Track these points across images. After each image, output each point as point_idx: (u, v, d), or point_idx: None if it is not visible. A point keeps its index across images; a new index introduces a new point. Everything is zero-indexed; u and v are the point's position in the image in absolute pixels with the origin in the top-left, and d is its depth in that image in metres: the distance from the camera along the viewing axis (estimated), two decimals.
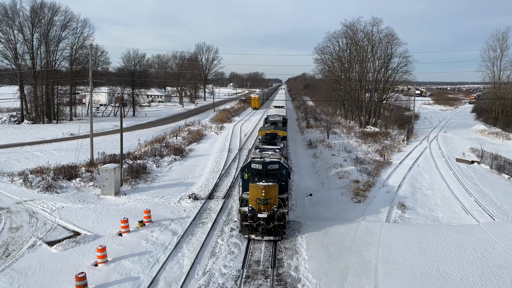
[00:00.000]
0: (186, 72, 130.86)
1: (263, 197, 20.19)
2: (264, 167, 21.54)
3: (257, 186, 20.36)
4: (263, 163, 21.69)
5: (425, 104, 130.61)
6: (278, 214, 20.20)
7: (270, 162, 21.83)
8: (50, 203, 25.58)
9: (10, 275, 16.73)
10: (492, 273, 17.69)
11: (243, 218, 20.67)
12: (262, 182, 20.53)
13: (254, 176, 21.64)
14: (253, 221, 20.30)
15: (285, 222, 20.62)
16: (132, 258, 18.52)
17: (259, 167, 21.58)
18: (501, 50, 76.98)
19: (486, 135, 63.65)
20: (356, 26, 72.40)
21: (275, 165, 21.76)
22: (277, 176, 21.71)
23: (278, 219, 20.21)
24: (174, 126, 65.70)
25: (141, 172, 32.89)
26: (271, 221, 20.23)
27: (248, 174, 22.19)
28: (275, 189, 20.52)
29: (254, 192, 20.44)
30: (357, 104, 73.59)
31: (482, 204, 28.12)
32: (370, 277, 17.17)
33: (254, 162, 21.99)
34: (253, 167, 21.84)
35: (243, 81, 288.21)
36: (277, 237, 20.55)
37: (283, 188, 22.22)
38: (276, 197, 20.46)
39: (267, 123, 45.04)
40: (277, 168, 21.81)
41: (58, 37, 71.05)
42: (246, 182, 22.03)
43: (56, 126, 63.47)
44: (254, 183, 20.55)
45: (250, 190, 20.73)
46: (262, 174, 21.47)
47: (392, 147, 50.10)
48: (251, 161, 22.35)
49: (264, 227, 20.28)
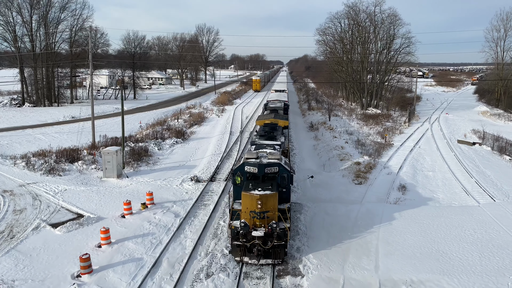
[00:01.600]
0: (187, 54, 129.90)
1: (259, 210, 16.37)
2: (260, 170, 17.76)
3: (252, 196, 16.45)
4: (260, 165, 17.85)
5: (427, 86, 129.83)
6: (278, 231, 16.27)
7: (268, 164, 18.07)
8: (53, 185, 25.76)
9: (15, 257, 16.98)
10: (492, 253, 17.87)
11: (234, 236, 16.69)
12: (257, 190, 16.67)
13: (248, 181, 17.87)
14: (247, 240, 16.42)
15: (287, 241, 16.73)
16: (135, 240, 18.74)
17: (255, 171, 17.81)
18: (505, 30, 76.21)
19: (488, 117, 63.43)
20: (358, 7, 71.62)
21: (274, 168, 18.03)
22: (277, 182, 17.98)
23: (278, 237, 16.31)
24: (175, 109, 65.59)
25: (143, 155, 33.00)
26: (269, 240, 16.37)
27: (241, 178, 18.37)
28: (274, 199, 16.71)
29: (248, 203, 16.58)
30: (359, 86, 73.18)
31: (483, 185, 28.23)
32: (371, 257, 17.37)
33: (248, 163, 18.17)
34: (247, 170, 18.05)
35: (244, 63, 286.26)
36: (276, 260, 16.77)
37: (284, 196, 18.36)
38: (275, 208, 16.74)
39: (267, 109, 40.87)
40: (276, 172, 18.09)
41: (57, 19, 70.34)
42: (238, 188, 18.32)
43: (57, 109, 63.44)
44: (248, 192, 16.70)
45: (243, 200, 16.85)
46: (258, 178, 17.79)
47: (393, 129, 50.04)
48: (245, 162, 18.42)
49: (260, 248, 16.36)
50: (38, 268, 16.16)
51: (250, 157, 18.92)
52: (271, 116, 32.06)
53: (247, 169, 18.06)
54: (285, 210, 17.25)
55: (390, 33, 70.64)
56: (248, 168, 18.04)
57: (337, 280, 15.65)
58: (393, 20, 69.44)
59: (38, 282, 15.19)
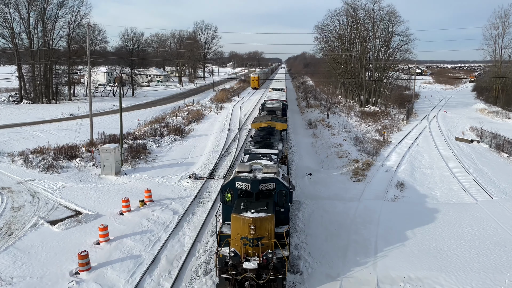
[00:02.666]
0: (185, 52, 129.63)
1: (252, 236, 13.88)
2: (254, 187, 15.28)
3: (243, 219, 13.98)
4: (253, 181, 15.34)
5: (426, 83, 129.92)
6: (274, 262, 13.74)
7: (263, 180, 15.51)
8: (51, 183, 25.72)
9: (13, 254, 16.97)
10: (489, 251, 17.95)
11: (222, 267, 14.12)
12: (250, 212, 14.16)
13: (239, 200, 15.46)
14: (237, 273, 13.86)
15: (285, 272, 14.14)
16: (133, 237, 18.75)
17: (247, 187, 15.34)
18: (503, 28, 76.23)
19: (486, 114, 63.55)
20: (357, 4, 71.44)
21: (270, 184, 15.57)
22: (273, 200, 15.63)
23: (275, 269, 13.75)
24: (173, 106, 65.49)
25: (141, 152, 32.96)
26: (264, 273, 13.83)
27: (232, 195, 16.03)
28: (269, 223, 14.22)
29: (239, 228, 14.10)
30: (357, 84, 73.18)
31: (481, 183, 28.30)
32: (369, 254, 17.43)
33: (240, 179, 15.69)
34: (239, 186, 15.63)
35: (243, 61, 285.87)
36: None
37: (282, 217, 15.85)
38: (271, 234, 14.27)
39: (264, 110, 38.26)
40: (273, 188, 15.67)
41: (55, 15, 69.99)
42: (228, 208, 15.83)
43: (55, 106, 63.28)
44: (239, 214, 14.19)
45: (233, 224, 14.33)
46: (251, 196, 15.40)
47: (391, 127, 50.09)
48: (236, 177, 15.93)
49: (253, 282, 13.82)
50: (36, 265, 16.15)
51: (242, 171, 16.34)
52: (268, 119, 29.69)
53: (239, 185, 15.64)
54: (283, 235, 14.74)
55: (388, 30, 70.63)
56: (239, 184, 15.61)
57: (335, 277, 15.71)
58: (391, 18, 69.45)
59: (36, 279, 15.19)
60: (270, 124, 27.55)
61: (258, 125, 27.96)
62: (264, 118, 30.38)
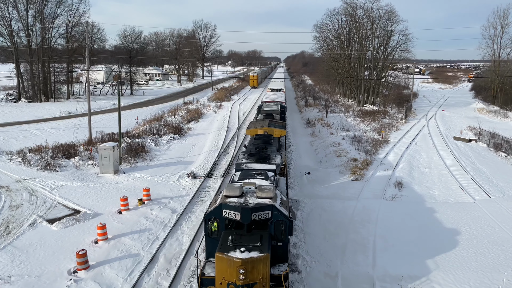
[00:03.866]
0: (184, 50, 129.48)
1: (242, 282, 11.30)
2: (245, 216, 12.62)
3: (230, 261, 11.42)
4: (244, 209, 12.63)
5: (424, 82, 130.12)
6: None
7: (257, 208, 12.75)
8: (50, 181, 25.69)
9: (11, 252, 16.95)
10: (487, 250, 18.00)
11: None
12: (240, 250, 11.54)
13: (227, 233, 12.74)
14: None
15: None
16: (132, 236, 18.74)
17: (237, 217, 12.66)
18: (501, 27, 76.32)
19: (484, 114, 63.67)
20: (356, 3, 71.47)
21: (265, 213, 12.80)
22: (269, 232, 12.88)
23: None
24: (172, 105, 65.44)
25: (139, 151, 32.93)
26: None
27: (218, 224, 13.23)
28: (264, 265, 11.56)
29: (225, 271, 11.52)
30: (356, 83, 73.21)
31: (479, 182, 28.37)
32: (367, 253, 17.46)
33: (227, 206, 12.90)
34: (226, 215, 12.88)
35: (242, 59, 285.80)
36: None
37: (280, 253, 13.16)
38: (266, 278, 11.61)
39: (260, 113, 35.50)
40: (269, 218, 12.87)
41: (53, 13, 69.84)
42: (213, 241, 13.11)
43: (53, 105, 63.15)
44: (226, 253, 11.58)
45: (218, 265, 11.70)
46: (242, 227, 12.80)
47: (390, 126, 50.14)
48: (223, 203, 13.03)
49: None
50: (34, 264, 16.14)
51: (231, 195, 13.43)
52: (264, 124, 27.10)
53: (226, 213, 12.84)
54: (280, 277, 12.00)
55: (387, 29, 70.71)
56: (227, 213, 12.82)
57: (334, 276, 15.73)
58: (390, 17, 69.52)
59: (34, 278, 15.18)
60: (267, 131, 25.25)
61: (254, 131, 25.78)
62: (260, 124, 27.86)
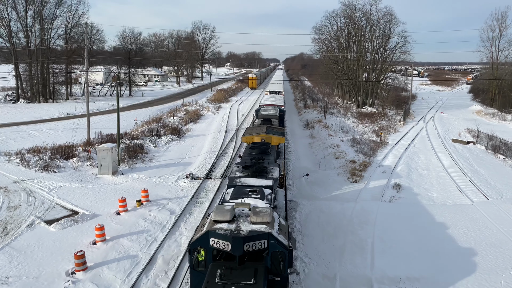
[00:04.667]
0: (183, 52, 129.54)
1: None
2: (237, 247, 10.50)
3: None
4: (235, 238, 10.52)
5: (422, 85, 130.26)
6: None
7: (251, 236, 10.64)
8: (48, 182, 25.65)
9: (9, 253, 16.90)
10: (485, 252, 18.01)
11: None
12: None
13: (215, 266, 10.69)
14: None
15: None
16: (130, 237, 18.71)
17: (226, 247, 10.57)
18: (500, 30, 76.64)
19: (482, 116, 63.79)
20: (354, 5, 71.62)
21: (260, 242, 10.69)
22: (265, 265, 10.83)
23: None
24: (171, 106, 65.43)
25: (138, 152, 32.92)
26: None
27: (205, 254, 11.02)
28: None
29: None
30: (355, 85, 73.30)
31: (477, 184, 28.40)
32: (365, 255, 17.46)
33: (215, 233, 10.77)
34: (214, 245, 10.75)
35: (241, 61, 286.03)
36: None
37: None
38: None
39: (258, 117, 33.15)
40: (264, 248, 10.77)
41: (53, 14, 69.87)
42: (199, 276, 10.97)
43: (52, 106, 63.11)
44: None
45: None
46: (232, 259, 10.76)
47: (388, 128, 50.19)
48: (211, 230, 10.88)
49: None
50: (32, 265, 16.10)
51: (220, 219, 11.26)
52: (262, 130, 25.25)
53: (214, 243, 10.66)
54: None
55: (386, 32, 70.89)
56: (215, 242, 10.65)
57: (332, 278, 15.73)
58: (389, 19, 69.71)
59: (32, 279, 15.14)
60: (264, 138, 23.50)
61: (250, 139, 23.99)
62: (258, 130, 26.03)
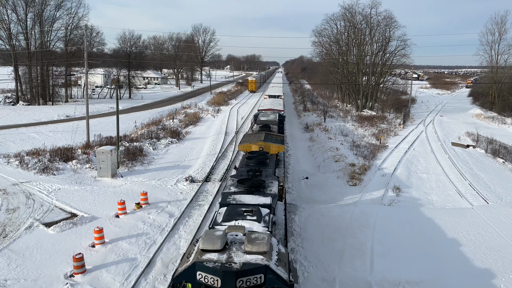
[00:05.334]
0: (183, 54, 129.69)
1: None
2: (227, 283, 8.87)
3: None
4: (226, 273, 8.91)
5: (422, 88, 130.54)
6: None
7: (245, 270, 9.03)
8: (47, 184, 25.60)
9: (7, 256, 16.85)
10: (485, 256, 17.98)
11: None
12: None
13: None
14: None
15: None
16: (129, 240, 18.66)
17: (217, 283, 8.94)
18: (499, 33, 76.70)
19: (482, 119, 63.83)
20: (354, 9, 71.74)
21: (256, 277, 9.08)
22: None
23: None
24: (170, 109, 65.42)
25: (137, 155, 32.89)
26: None
27: None
28: None
29: None
30: (354, 88, 73.36)
31: (476, 188, 28.38)
32: (365, 258, 17.42)
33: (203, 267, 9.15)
34: (202, 280, 9.13)
35: (240, 64, 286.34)
36: None
37: None
38: None
39: (256, 123, 31.61)
40: (261, 283, 9.11)
41: (53, 17, 69.98)
42: None
43: (51, 108, 63.09)
44: None
45: None
46: None
47: (388, 131, 50.21)
48: (198, 262, 9.25)
49: None
50: (31, 268, 16.04)
51: (210, 248, 9.66)
52: (260, 138, 23.39)
53: (201, 277, 9.11)
54: None
55: (385, 35, 70.95)
56: (203, 277, 9.10)
57: (331, 281, 15.68)
58: (388, 23, 69.76)
59: (30, 282, 15.09)
60: (262, 147, 21.79)
61: (248, 147, 22.39)
62: (255, 137, 24.21)
